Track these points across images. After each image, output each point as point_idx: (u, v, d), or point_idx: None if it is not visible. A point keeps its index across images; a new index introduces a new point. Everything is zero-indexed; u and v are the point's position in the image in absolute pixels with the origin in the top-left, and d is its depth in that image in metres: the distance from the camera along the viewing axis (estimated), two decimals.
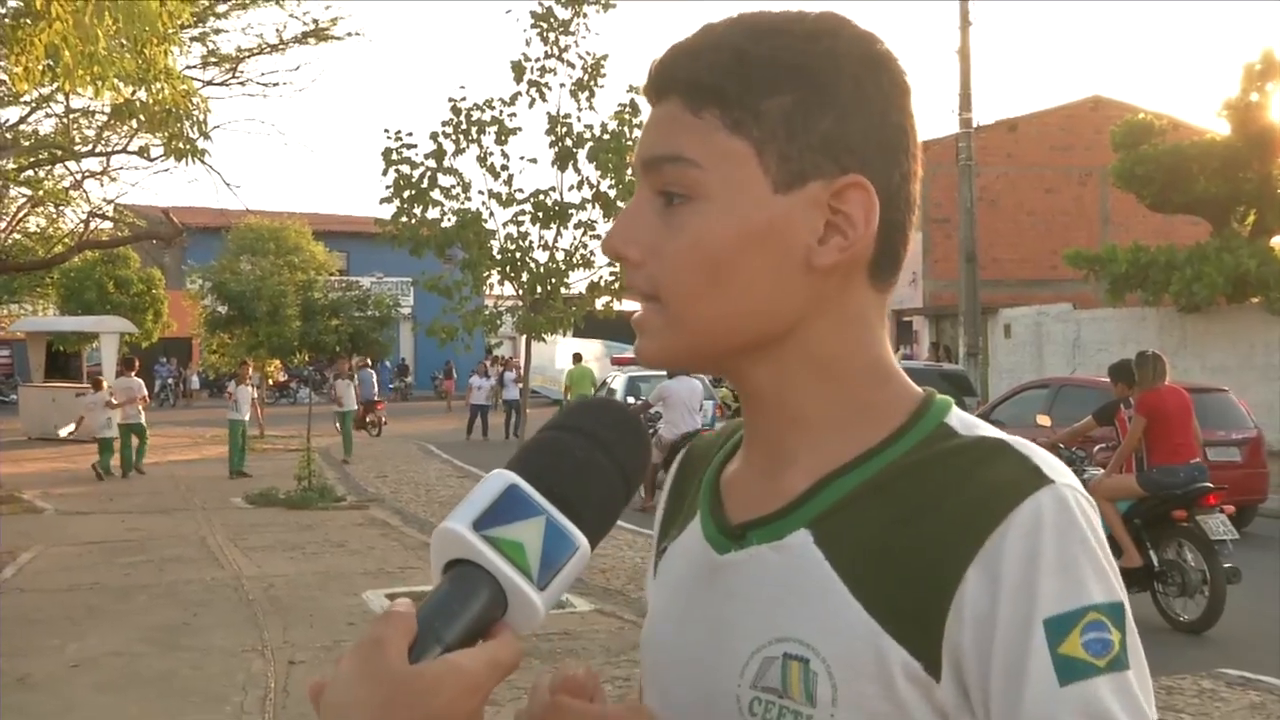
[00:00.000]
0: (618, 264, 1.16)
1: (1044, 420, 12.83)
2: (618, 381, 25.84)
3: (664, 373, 25.85)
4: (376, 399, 28.92)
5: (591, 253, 10.98)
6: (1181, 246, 25.24)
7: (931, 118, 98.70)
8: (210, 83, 21.61)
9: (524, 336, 11.58)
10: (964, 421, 1.14)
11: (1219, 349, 24.53)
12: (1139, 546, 9.49)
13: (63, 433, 25.48)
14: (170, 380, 46.08)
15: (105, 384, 22.90)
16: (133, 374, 22.61)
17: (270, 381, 31.79)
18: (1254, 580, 10.07)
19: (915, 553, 1.04)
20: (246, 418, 21.86)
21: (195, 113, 11.27)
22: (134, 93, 11.84)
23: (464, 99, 10.66)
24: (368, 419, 28.38)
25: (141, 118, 11.86)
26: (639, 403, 18.63)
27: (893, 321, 40.56)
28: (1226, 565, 9.24)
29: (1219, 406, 14.49)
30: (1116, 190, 29.44)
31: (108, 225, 26.22)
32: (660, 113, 1.15)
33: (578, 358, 27.61)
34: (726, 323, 1.12)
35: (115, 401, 21.52)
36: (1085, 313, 29.50)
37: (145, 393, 22.61)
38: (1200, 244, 24.94)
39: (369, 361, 28.10)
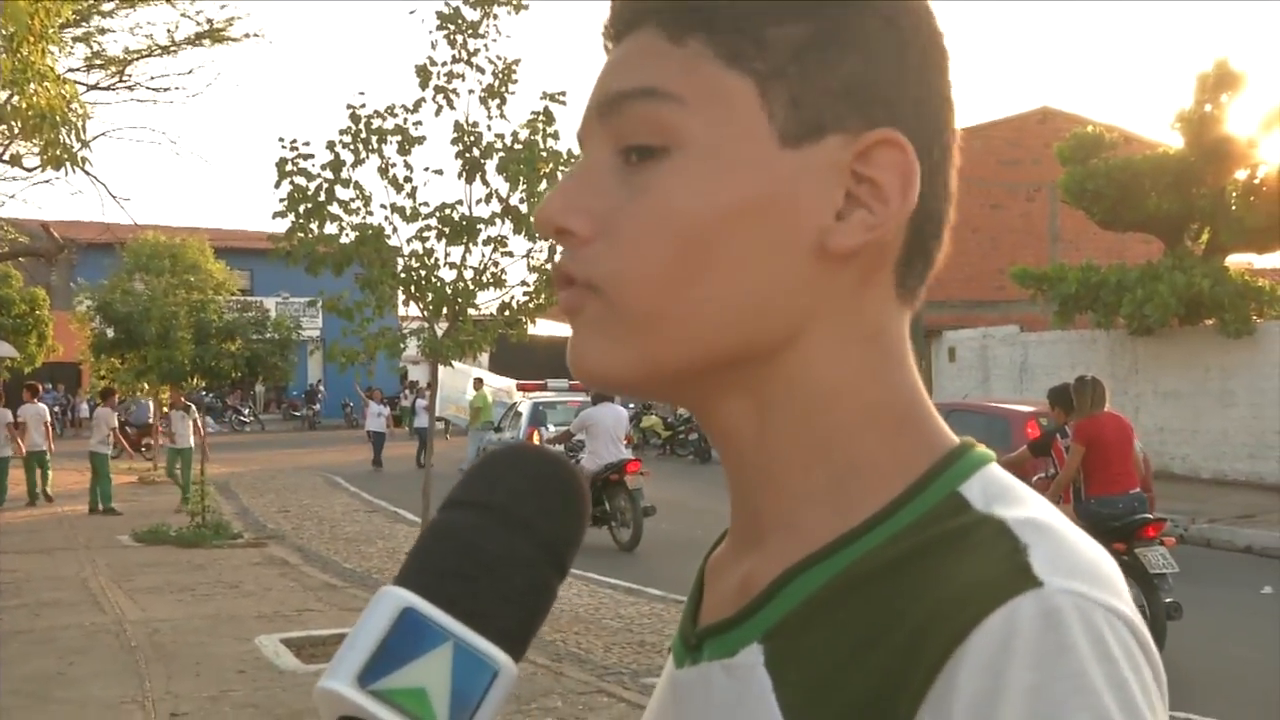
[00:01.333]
0: (552, 242, 0.84)
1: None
2: (523, 407, 25.87)
3: (575, 397, 26.01)
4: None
5: (503, 271, 10.91)
6: (1133, 265, 25.54)
7: None
8: (95, 86, 21.44)
9: (431, 361, 11.49)
10: (988, 490, 0.86)
11: (1172, 373, 24.83)
12: None
13: None
14: (57, 408, 45.50)
15: None
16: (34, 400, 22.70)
17: (164, 410, 31.42)
18: (1191, 615, 10.12)
19: (868, 692, 0.78)
20: (189, 445, 21.74)
21: (73, 118, 11.08)
22: (9, 97, 11.67)
23: (363, 105, 10.59)
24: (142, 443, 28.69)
25: (14, 123, 11.66)
26: (559, 432, 18.57)
27: None
28: (1167, 600, 9.31)
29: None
30: (1066, 206, 29.77)
31: None
32: (627, 47, 0.91)
33: (479, 383, 27.62)
34: (698, 325, 0.87)
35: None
36: (1033, 335, 29.79)
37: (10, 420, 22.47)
38: (1152, 263, 25.24)
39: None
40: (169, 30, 23.25)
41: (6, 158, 19.73)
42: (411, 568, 0.82)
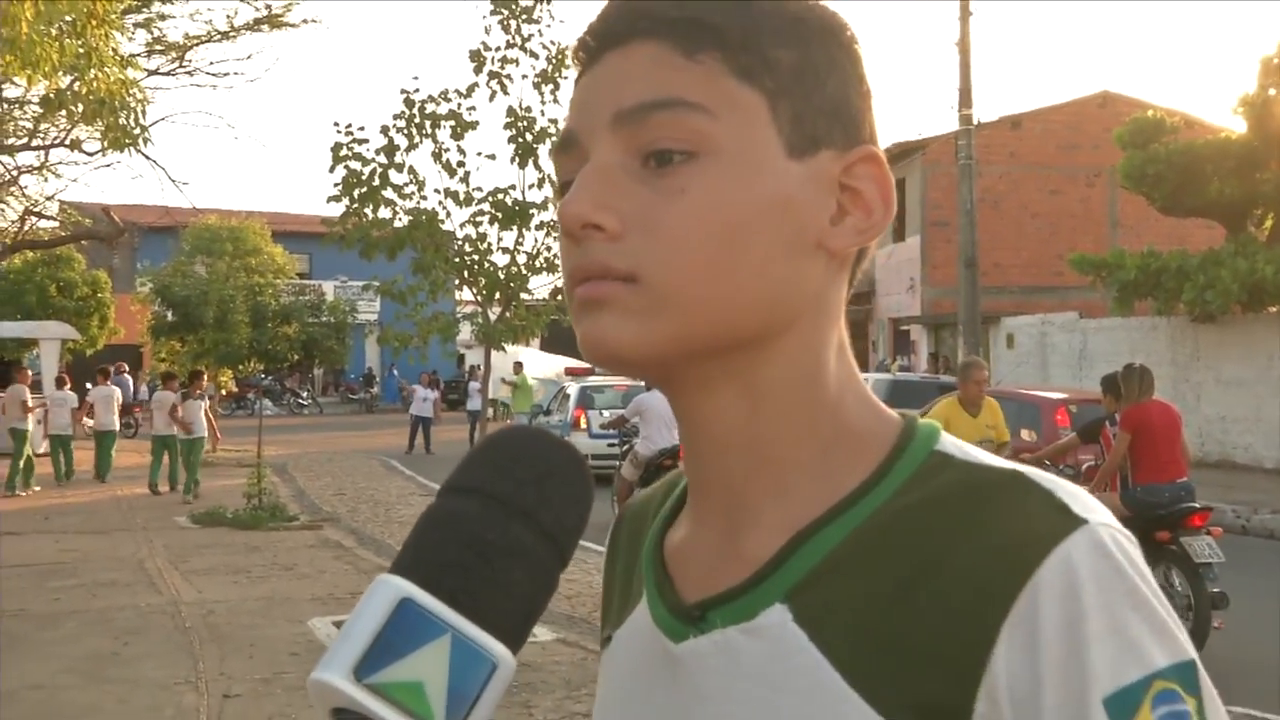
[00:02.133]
0: (576, 237, 0.95)
1: (1026, 435, 12.99)
2: (571, 389, 26.06)
3: (623, 381, 26.27)
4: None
5: (555, 255, 10.90)
6: (1195, 252, 25.26)
7: (929, 114, 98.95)
8: (156, 72, 21.58)
9: (484, 345, 11.51)
10: (959, 447, 0.99)
11: (1234, 360, 24.54)
12: None
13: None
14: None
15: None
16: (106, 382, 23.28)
17: (224, 392, 31.65)
18: (1241, 606, 10.00)
19: (926, 627, 0.88)
20: (204, 434, 21.89)
21: (132, 102, 11.16)
22: (73, 82, 11.77)
23: (418, 90, 10.60)
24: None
25: (76, 106, 11.76)
26: (615, 417, 18.54)
27: (890, 330, 40.67)
28: (1213, 590, 9.21)
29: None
30: (1126, 192, 29.48)
31: (49, 224, 26.14)
32: (631, 58, 0.97)
33: (518, 367, 27.75)
34: (731, 310, 0.95)
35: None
36: (1092, 322, 29.52)
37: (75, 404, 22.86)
38: (1214, 249, 24.95)
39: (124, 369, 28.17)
40: (228, 16, 23.51)
41: (67, 142, 19.90)
42: (409, 556, 0.82)
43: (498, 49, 10.57)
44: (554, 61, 10.60)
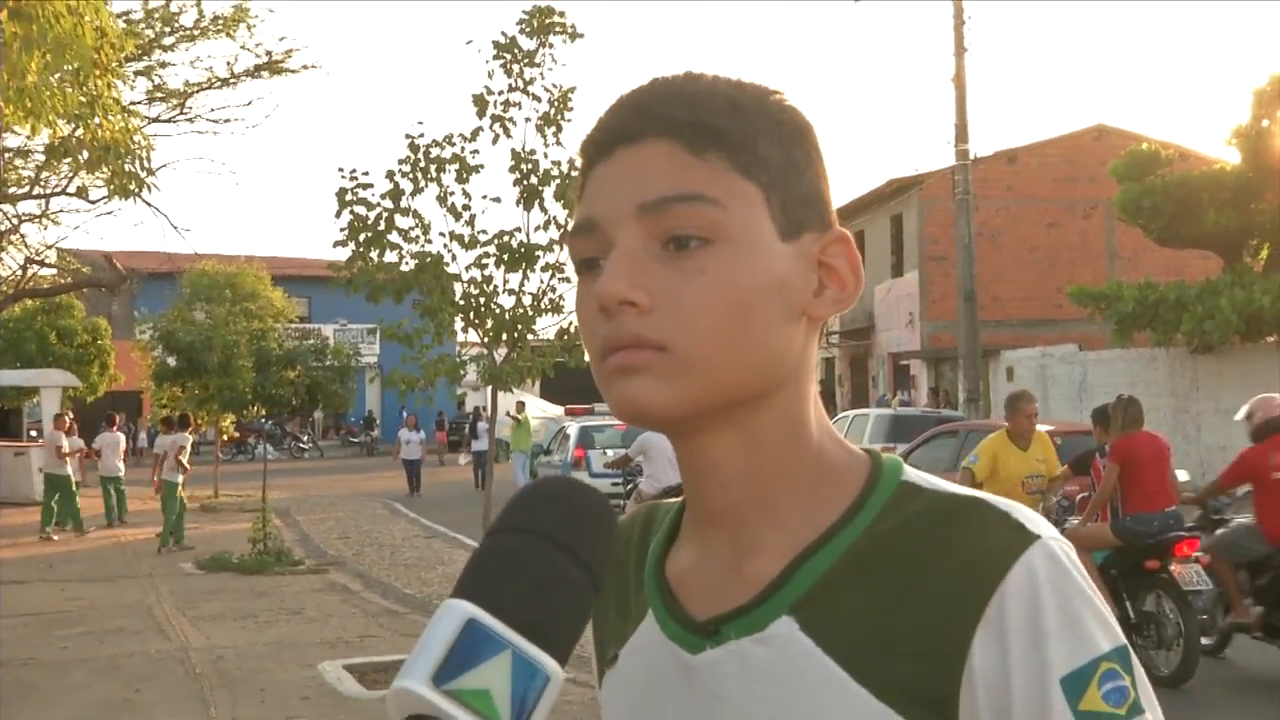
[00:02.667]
0: (611, 312, 1.10)
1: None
2: (571, 429, 26.26)
3: (615, 421, 26.55)
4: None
5: (561, 297, 10.97)
6: (1192, 282, 25.33)
7: (926, 149, 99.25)
8: (156, 119, 21.68)
9: (489, 387, 11.55)
10: (923, 477, 1.17)
11: (1233, 391, 24.53)
12: (1115, 598, 9.56)
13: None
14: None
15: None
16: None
17: (225, 437, 31.65)
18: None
19: (914, 629, 1.07)
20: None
21: (137, 149, 11.23)
22: (74, 130, 11.84)
23: (422, 135, 10.67)
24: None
25: (83, 154, 11.83)
26: (619, 456, 18.57)
27: (890, 365, 40.71)
28: (1202, 617, 9.43)
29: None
30: (1123, 224, 29.58)
31: (49, 271, 26.18)
32: (645, 155, 1.13)
33: (520, 407, 27.94)
34: (742, 373, 1.12)
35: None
36: (1092, 354, 29.58)
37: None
38: (1211, 280, 25.03)
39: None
40: (228, 63, 23.54)
41: (73, 189, 19.97)
42: (471, 583, 0.95)
43: (500, 93, 10.65)
44: (556, 104, 10.65)
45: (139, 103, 21.49)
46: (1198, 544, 9.78)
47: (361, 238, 10.60)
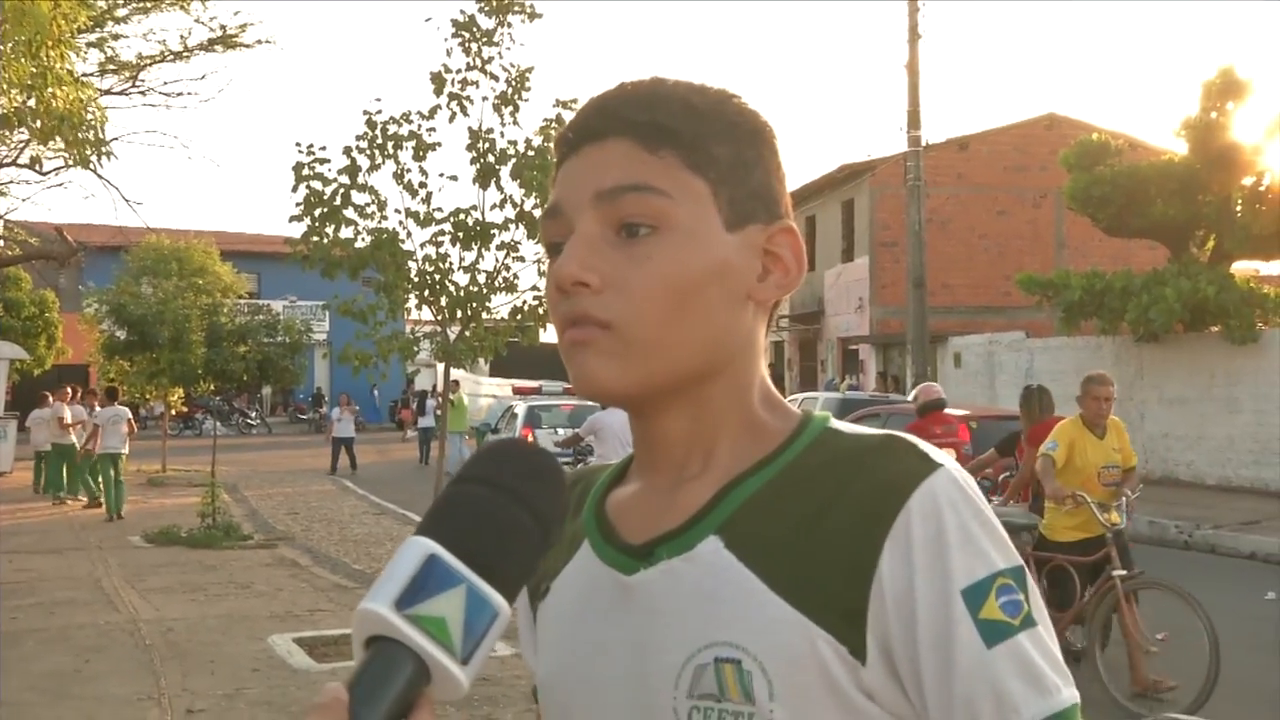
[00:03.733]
0: (566, 291, 1.24)
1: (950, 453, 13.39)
2: (519, 408, 26.27)
3: (569, 400, 26.74)
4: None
5: (515, 275, 11.00)
6: (1138, 272, 25.55)
7: (878, 136, 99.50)
8: (109, 91, 21.51)
9: (442, 364, 11.59)
10: (849, 428, 1.30)
11: (1177, 379, 24.88)
12: (1035, 578, 9.65)
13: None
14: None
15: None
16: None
17: (173, 412, 31.50)
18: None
19: (828, 544, 1.18)
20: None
21: (91, 120, 11.19)
22: (25, 100, 11.76)
23: (379, 111, 10.67)
24: None
25: (35, 123, 11.76)
26: (570, 435, 18.65)
27: (839, 350, 40.88)
28: None
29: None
30: (1072, 213, 29.78)
31: None
32: (606, 151, 1.27)
33: (455, 385, 27.96)
34: (685, 352, 1.25)
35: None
36: (1038, 341, 29.81)
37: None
38: (1158, 269, 25.26)
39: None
40: (182, 36, 23.37)
41: (24, 160, 19.80)
42: (434, 523, 1.05)
43: (458, 71, 10.65)
44: (514, 84, 10.67)
45: (91, 74, 21.28)
46: None
47: (317, 213, 10.58)
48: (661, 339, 1.23)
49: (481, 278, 10.88)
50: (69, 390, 24.71)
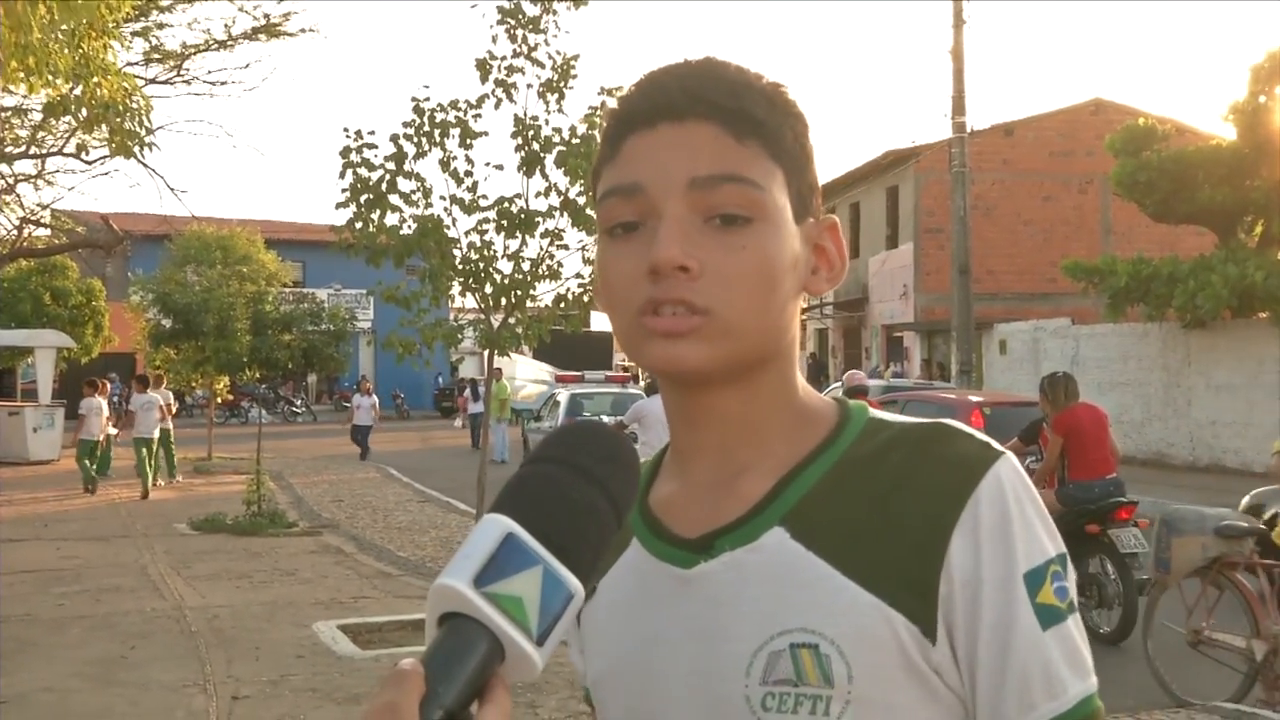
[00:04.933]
0: (664, 275, 1.23)
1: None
2: (561, 396, 26.37)
3: (611, 389, 26.87)
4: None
5: (559, 264, 10.93)
6: (1185, 258, 25.37)
7: (923, 122, 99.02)
8: (154, 80, 21.61)
9: (486, 351, 11.56)
10: (889, 415, 1.34)
11: (1225, 365, 24.66)
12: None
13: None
14: (116, 399, 45.75)
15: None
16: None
17: (219, 400, 31.66)
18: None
19: (897, 527, 1.21)
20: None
21: (136, 109, 11.20)
22: (71, 89, 11.80)
23: (427, 99, 10.63)
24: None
25: (82, 112, 11.80)
26: (614, 422, 18.67)
27: (883, 336, 40.75)
28: (1141, 577, 9.87)
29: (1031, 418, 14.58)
30: (1118, 199, 29.57)
31: (43, 232, 26.11)
32: (691, 134, 1.26)
33: (498, 374, 28.05)
34: (763, 337, 1.28)
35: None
36: (1084, 328, 29.64)
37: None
38: (1205, 255, 25.07)
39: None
40: (226, 25, 23.45)
41: (70, 149, 19.92)
42: (512, 502, 1.04)
43: (504, 59, 10.60)
44: (559, 71, 10.61)
45: (136, 63, 21.42)
46: (1134, 509, 10.40)
47: (363, 199, 10.56)
48: (750, 326, 1.25)
49: (525, 265, 10.83)
50: (106, 384, 25.00)
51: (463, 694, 0.96)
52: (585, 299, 11.20)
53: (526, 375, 38.58)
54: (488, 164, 10.83)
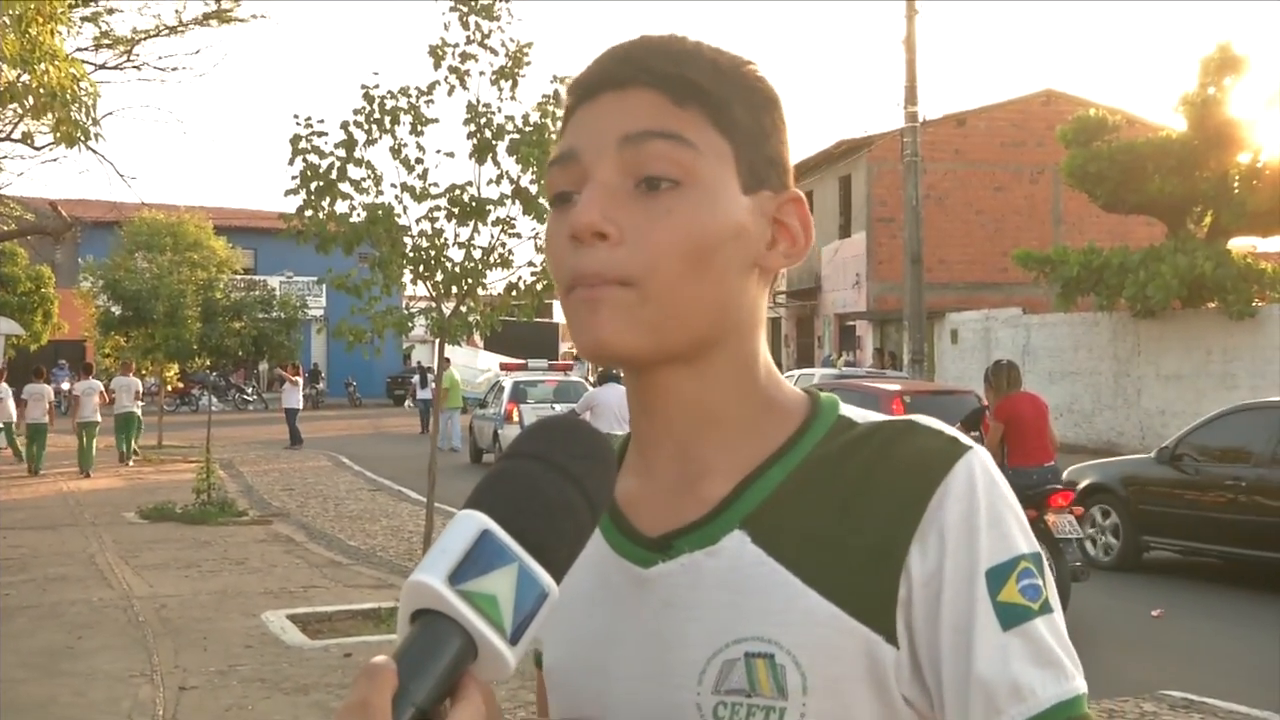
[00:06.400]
0: (582, 241, 1.17)
1: None
2: (505, 383, 26.52)
3: (553, 376, 27.12)
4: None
5: (510, 252, 10.92)
6: (1136, 248, 25.55)
7: (875, 111, 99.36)
8: (103, 66, 21.41)
9: (437, 340, 11.54)
10: (859, 413, 1.27)
11: (1174, 354, 24.87)
12: None
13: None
14: (66, 385, 45.37)
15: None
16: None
17: (169, 388, 31.45)
18: (1197, 602, 10.34)
19: (858, 531, 1.16)
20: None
21: (84, 97, 11.09)
22: (18, 76, 11.67)
23: (377, 85, 10.58)
24: None
25: (28, 100, 11.67)
26: (568, 411, 18.66)
27: (835, 325, 40.88)
28: (1074, 564, 10.32)
29: (963, 406, 14.72)
30: (1069, 189, 29.74)
31: None
32: (630, 99, 1.21)
33: (446, 363, 28.12)
34: (700, 312, 1.20)
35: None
36: (1035, 317, 29.82)
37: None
38: (1155, 246, 25.27)
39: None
40: (176, 10, 23.30)
41: (17, 135, 19.72)
42: (485, 494, 1.03)
43: (457, 45, 10.56)
44: (513, 58, 10.59)
45: (85, 49, 21.22)
46: (1071, 496, 10.80)
47: (313, 186, 10.51)
48: (678, 297, 1.18)
49: (477, 254, 10.81)
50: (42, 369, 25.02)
51: (435, 691, 0.95)
52: (538, 287, 11.19)
53: (484, 364, 38.78)
54: (439, 151, 10.81)
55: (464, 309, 11.26)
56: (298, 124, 10.54)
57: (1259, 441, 12.12)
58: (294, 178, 10.56)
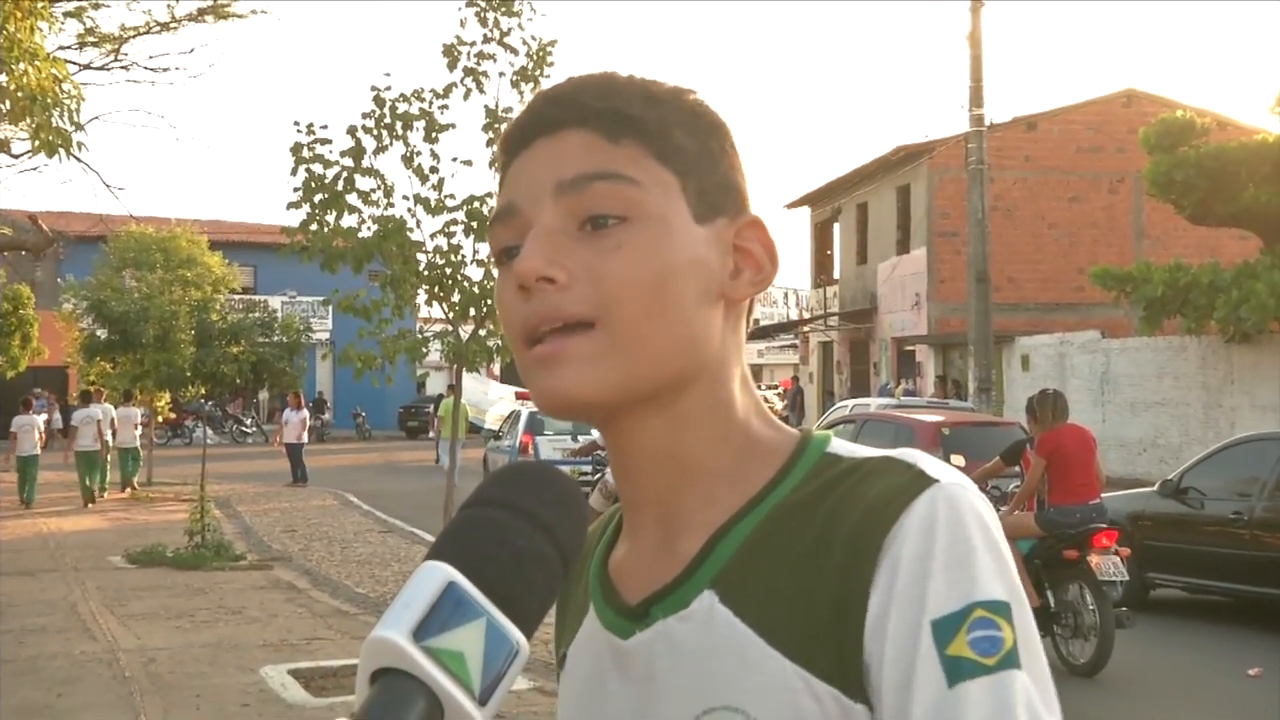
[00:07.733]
0: (530, 289, 1.20)
1: (958, 460, 13.82)
2: (522, 414, 26.71)
3: None
4: None
5: None
6: (1228, 265, 25.41)
7: (937, 115, 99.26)
8: (88, 66, 21.57)
9: (454, 366, 11.56)
10: (848, 448, 1.28)
11: (1271, 383, 24.70)
12: (1037, 588, 10.53)
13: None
14: (43, 418, 45.47)
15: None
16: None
17: (160, 419, 31.57)
18: (1156, 627, 10.85)
19: (822, 585, 1.16)
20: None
21: (66, 100, 11.17)
22: None
23: (388, 88, 10.62)
24: None
25: (4, 104, 11.76)
26: (587, 442, 18.67)
27: (893, 350, 40.78)
28: (1119, 610, 10.36)
29: (1007, 439, 14.88)
30: (1152, 199, 29.62)
31: None
32: (563, 143, 1.26)
33: (450, 390, 28.27)
34: (665, 351, 1.23)
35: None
36: (1115, 342, 29.68)
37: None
38: (1249, 262, 25.12)
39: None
40: (169, 6, 23.40)
41: None
42: (450, 548, 1.04)
43: (473, 44, 10.60)
44: (535, 58, 10.61)
45: (68, 47, 21.38)
46: (1116, 535, 10.75)
47: (318, 199, 10.55)
48: (640, 334, 1.21)
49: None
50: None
51: None
52: None
53: (496, 395, 39.09)
54: (455, 159, 10.83)
55: (483, 333, 11.27)
56: (299, 131, 10.58)
57: (1263, 473, 12.43)
58: (296, 189, 10.60)
